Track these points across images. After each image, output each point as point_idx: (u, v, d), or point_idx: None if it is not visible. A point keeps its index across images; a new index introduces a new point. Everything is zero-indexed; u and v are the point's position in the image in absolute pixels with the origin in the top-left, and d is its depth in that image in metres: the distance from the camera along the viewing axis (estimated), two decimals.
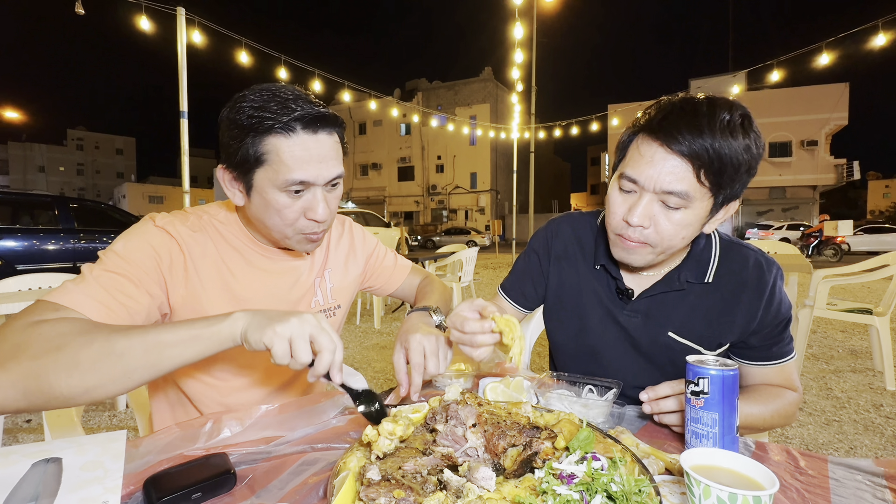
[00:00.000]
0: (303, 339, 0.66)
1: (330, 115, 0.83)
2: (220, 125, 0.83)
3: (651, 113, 0.84)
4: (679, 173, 0.78)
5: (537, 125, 13.05)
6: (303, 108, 0.79)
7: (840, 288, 6.82)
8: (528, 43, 11.85)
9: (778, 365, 0.93)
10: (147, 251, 0.81)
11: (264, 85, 0.83)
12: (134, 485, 0.60)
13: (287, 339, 0.65)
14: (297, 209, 0.84)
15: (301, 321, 0.66)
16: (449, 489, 0.53)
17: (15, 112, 26.21)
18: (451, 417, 0.67)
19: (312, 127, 0.80)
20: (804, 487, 0.62)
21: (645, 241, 0.85)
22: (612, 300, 1.03)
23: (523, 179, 20.24)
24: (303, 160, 0.79)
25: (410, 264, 1.30)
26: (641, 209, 0.82)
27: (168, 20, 5.04)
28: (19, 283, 2.29)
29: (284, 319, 0.66)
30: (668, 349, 0.96)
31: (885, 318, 2.89)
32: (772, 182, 26.67)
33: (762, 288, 0.91)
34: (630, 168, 0.83)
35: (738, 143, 0.77)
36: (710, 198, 0.81)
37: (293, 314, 0.67)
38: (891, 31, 6.17)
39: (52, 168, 61.22)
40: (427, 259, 5.48)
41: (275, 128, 0.77)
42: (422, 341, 0.87)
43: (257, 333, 0.65)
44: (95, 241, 6.06)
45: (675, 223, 0.82)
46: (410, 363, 0.86)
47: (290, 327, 0.65)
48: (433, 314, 1.02)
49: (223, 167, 0.85)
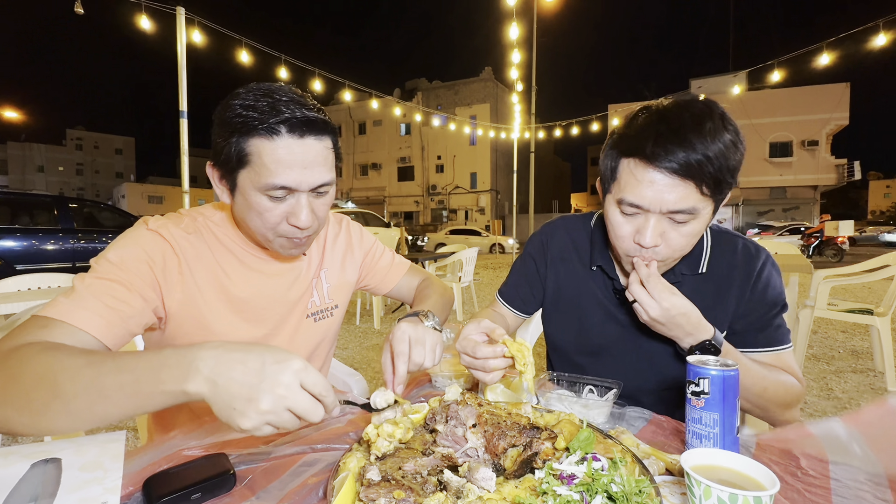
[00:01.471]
0: (282, 420, 0.56)
1: (319, 119, 0.79)
2: (213, 120, 0.82)
3: (632, 132, 0.82)
4: (682, 192, 0.78)
5: (537, 125, 13.05)
6: (292, 111, 0.76)
7: (841, 288, 6.82)
8: (527, 42, 11.86)
9: (770, 353, 0.91)
10: (139, 255, 0.79)
11: (262, 84, 0.81)
12: (133, 485, 0.59)
13: (264, 425, 0.55)
14: (279, 213, 0.81)
15: (273, 405, 0.54)
16: (449, 490, 0.53)
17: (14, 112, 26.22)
18: (451, 418, 0.67)
19: (299, 131, 0.77)
20: (805, 488, 0.61)
21: (658, 260, 0.85)
22: (611, 300, 1.03)
23: (523, 179, 20.23)
24: (285, 164, 0.76)
25: (408, 263, 1.29)
26: (651, 230, 0.82)
27: (168, 20, 5.04)
28: (19, 283, 2.29)
29: (251, 409, 0.54)
30: (669, 343, 0.95)
31: (886, 318, 2.89)
32: (772, 182, 26.67)
33: (750, 271, 0.92)
34: (629, 194, 0.82)
35: (725, 143, 0.77)
36: (712, 203, 0.82)
37: (261, 387, 0.54)
38: (891, 31, 6.17)
39: (51, 168, 61.24)
40: (427, 259, 5.48)
41: (259, 129, 0.75)
42: (406, 331, 0.85)
43: (224, 417, 0.55)
44: (95, 241, 6.07)
45: (686, 234, 0.83)
46: (394, 352, 0.84)
47: (261, 418, 0.54)
48: (424, 319, 0.96)
49: (211, 164, 0.83)
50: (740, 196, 26.96)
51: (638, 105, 0.86)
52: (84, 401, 0.57)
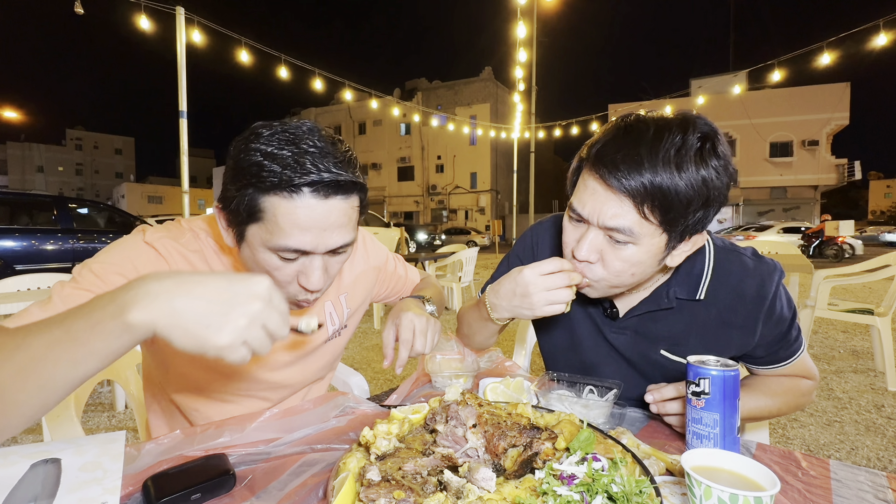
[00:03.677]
0: (260, 340, 0.54)
1: (349, 182, 0.69)
2: (228, 156, 0.73)
3: (597, 138, 0.78)
4: (617, 210, 0.73)
5: (537, 125, 13.05)
6: (318, 171, 0.66)
7: (841, 288, 6.81)
8: (528, 42, 11.85)
9: (788, 365, 0.90)
10: (125, 269, 0.72)
11: (287, 126, 0.69)
12: (133, 485, 0.59)
13: (242, 346, 0.53)
14: (290, 273, 0.73)
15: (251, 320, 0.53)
16: (449, 490, 0.53)
17: (13, 112, 26.14)
18: (451, 418, 0.67)
19: (324, 192, 0.67)
20: (805, 488, 0.61)
21: (590, 278, 0.80)
22: (600, 316, 0.98)
23: (523, 179, 20.22)
24: (303, 227, 0.67)
25: (416, 272, 1.26)
26: (588, 243, 0.78)
27: (167, 20, 5.04)
28: (18, 283, 2.29)
29: (230, 323, 0.51)
30: (661, 367, 0.93)
31: (887, 318, 2.89)
32: (773, 182, 26.67)
33: (761, 301, 0.85)
34: (576, 200, 0.79)
35: (688, 175, 0.69)
36: (661, 234, 0.74)
37: (236, 301, 0.52)
38: (891, 31, 6.17)
39: (50, 168, 61.23)
40: (427, 259, 5.48)
41: (278, 186, 0.65)
42: (413, 319, 0.88)
43: (192, 342, 0.51)
44: (94, 241, 6.07)
45: (624, 260, 0.76)
46: (399, 339, 0.88)
47: (240, 333, 0.52)
48: (426, 303, 1.02)
49: (218, 207, 0.74)
50: (740, 196, 26.95)
51: (638, 105, 0.85)
52: (7, 372, 0.49)
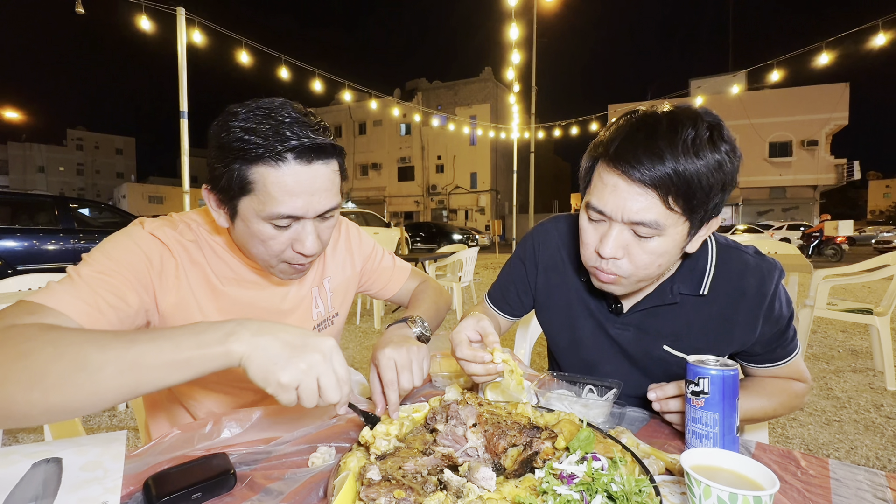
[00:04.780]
0: (310, 390, 0.59)
1: (328, 144, 0.76)
2: (208, 140, 0.76)
3: (608, 135, 0.78)
4: (644, 203, 0.73)
5: (537, 125, 13.06)
6: (298, 137, 0.72)
7: (840, 288, 6.82)
8: (527, 42, 11.85)
9: (783, 364, 0.91)
10: (137, 254, 0.77)
11: (260, 101, 0.75)
12: (134, 485, 0.59)
13: (294, 390, 0.59)
14: (284, 240, 0.78)
15: (309, 368, 0.59)
16: (449, 489, 0.53)
17: (15, 112, 26.21)
18: (451, 417, 0.67)
19: (306, 157, 0.73)
20: (805, 487, 0.62)
21: (618, 275, 0.81)
22: (603, 312, 0.99)
23: (523, 179, 20.20)
24: (292, 192, 0.73)
25: (409, 267, 1.26)
26: (612, 240, 0.77)
27: (168, 20, 5.05)
28: (19, 283, 2.29)
29: (292, 365, 0.58)
30: (663, 362, 0.93)
31: (886, 318, 2.89)
32: (772, 182, 26.66)
33: (761, 298, 0.86)
34: (595, 198, 0.79)
35: (706, 161, 0.71)
36: (684, 222, 0.76)
37: (304, 349, 0.59)
38: (891, 31, 6.18)
39: (51, 168, 61.24)
40: (427, 259, 5.48)
41: (264, 156, 0.71)
42: (391, 356, 0.78)
43: (260, 374, 0.58)
44: (95, 241, 6.05)
45: (650, 252, 0.77)
46: (382, 381, 0.78)
47: (297, 375, 0.58)
48: (412, 325, 0.95)
49: (208, 188, 0.79)
50: (740, 196, 26.95)
51: (637, 105, 0.85)
52: (112, 370, 0.55)
